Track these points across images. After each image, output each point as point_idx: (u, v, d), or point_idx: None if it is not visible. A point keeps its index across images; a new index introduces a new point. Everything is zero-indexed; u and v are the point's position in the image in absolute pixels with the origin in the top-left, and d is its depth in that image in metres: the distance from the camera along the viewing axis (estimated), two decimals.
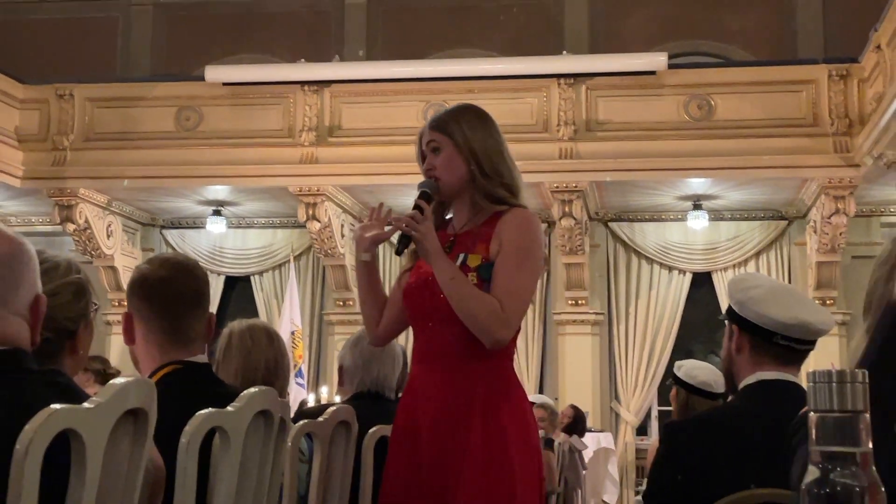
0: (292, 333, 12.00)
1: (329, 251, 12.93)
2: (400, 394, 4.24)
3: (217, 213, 13.59)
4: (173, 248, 14.04)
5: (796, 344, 2.77)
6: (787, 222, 13.35)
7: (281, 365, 3.76)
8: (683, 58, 13.95)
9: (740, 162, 11.50)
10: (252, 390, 2.33)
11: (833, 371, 1.13)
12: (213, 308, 13.26)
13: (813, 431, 1.12)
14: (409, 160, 3.22)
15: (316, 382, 13.11)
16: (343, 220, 13.02)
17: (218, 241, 14.17)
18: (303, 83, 12.36)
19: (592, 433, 11.49)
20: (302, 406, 8.63)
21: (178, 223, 14.42)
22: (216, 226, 13.67)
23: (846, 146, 11.40)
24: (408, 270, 3.13)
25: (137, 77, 14.96)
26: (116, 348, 12.93)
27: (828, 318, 2.81)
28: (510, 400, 2.93)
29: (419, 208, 2.96)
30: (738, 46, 15.10)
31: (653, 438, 12.80)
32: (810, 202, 12.43)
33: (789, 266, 13.26)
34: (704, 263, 13.43)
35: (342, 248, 12.97)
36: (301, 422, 3.04)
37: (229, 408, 2.23)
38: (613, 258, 13.61)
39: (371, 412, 3.65)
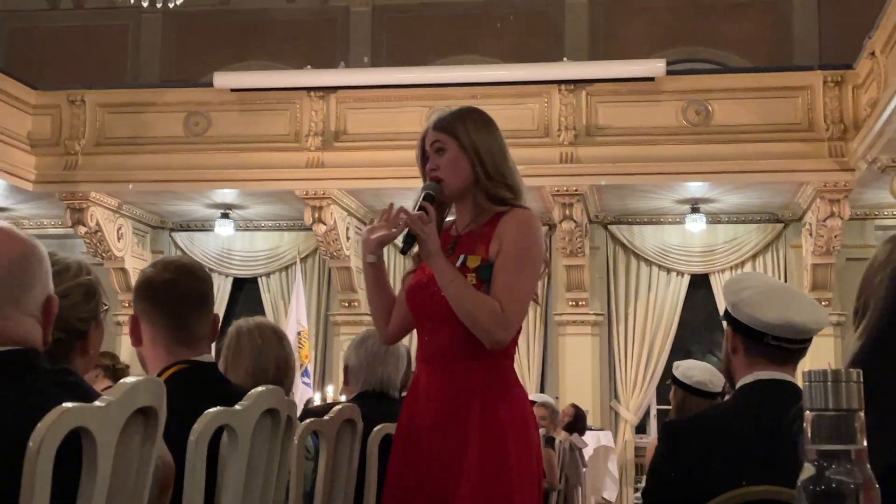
0: (298, 334, 11.99)
1: (334, 253, 12.93)
2: (404, 393, 4.24)
3: (225, 216, 13.60)
4: (182, 251, 14.05)
5: (787, 344, 2.75)
6: (784, 225, 13.34)
7: (289, 364, 3.76)
8: (681, 64, 13.97)
9: (737, 166, 11.50)
10: (259, 389, 2.33)
11: (828, 370, 1.13)
12: (222, 309, 13.39)
13: (808, 429, 1.12)
14: (413, 164, 3.20)
15: (322, 382, 13.10)
16: (348, 223, 13.02)
17: (226, 244, 14.18)
18: (309, 89, 12.36)
19: (592, 431, 11.48)
20: (308, 405, 8.62)
21: (187, 226, 14.43)
22: (224, 228, 13.68)
23: (841, 151, 11.40)
24: (412, 272, 3.12)
25: (147, 83, 14.99)
26: (126, 348, 12.89)
27: (819, 317, 2.78)
28: (509, 399, 2.91)
29: (424, 209, 2.93)
30: (735, 53, 15.10)
31: (651, 437, 12.80)
32: (806, 205, 12.42)
33: (785, 268, 13.25)
34: (702, 265, 13.42)
35: (347, 251, 12.97)
36: (307, 420, 3.03)
37: (237, 406, 2.23)
38: (613, 260, 13.60)
39: (376, 411, 3.64)
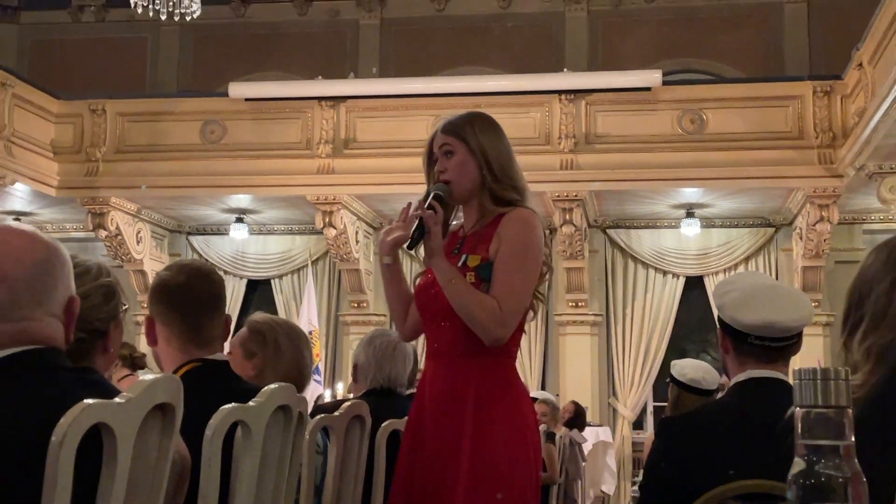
0: (310, 333, 11.98)
1: (344, 256, 12.93)
2: (411, 390, 4.24)
3: (240, 221, 13.61)
4: (199, 254, 14.06)
5: (770, 342, 2.73)
6: (775, 229, 13.34)
7: (311, 363, 3.78)
8: (677, 75, 13.97)
9: (730, 173, 11.49)
10: (272, 386, 2.33)
11: (818, 369, 1.13)
12: (236, 309, 13.39)
13: (799, 425, 1.12)
14: (420, 171, 3.18)
15: (332, 379, 13.10)
16: (357, 227, 13.03)
17: (240, 247, 14.18)
18: (320, 99, 12.36)
19: (592, 427, 11.46)
20: (318, 401, 8.62)
21: (203, 230, 14.43)
22: (239, 232, 13.69)
23: (830, 158, 11.38)
24: (423, 273, 3.10)
25: (165, 93, 15.00)
26: (144, 347, 12.89)
27: (799, 315, 2.74)
28: (506, 396, 2.88)
29: (433, 209, 2.90)
30: (729, 64, 15.08)
31: (648, 432, 12.78)
32: (796, 210, 12.41)
33: (777, 270, 13.24)
34: (697, 268, 13.41)
35: (356, 254, 12.98)
36: (318, 416, 3.03)
37: (251, 403, 2.23)
38: (611, 263, 13.59)
39: (384, 407, 3.64)
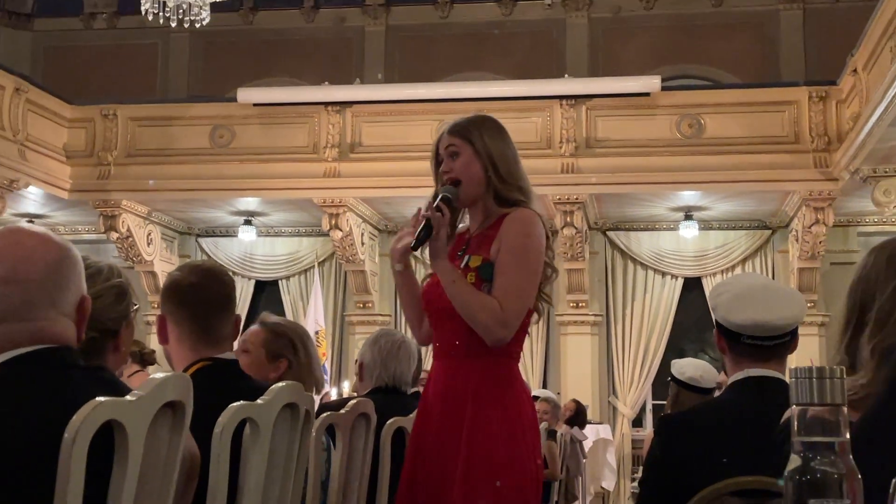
0: (316, 333, 12.00)
1: (350, 258, 12.93)
2: (415, 388, 4.25)
3: (248, 223, 13.61)
4: (208, 255, 14.06)
5: (762, 341, 2.73)
6: (771, 231, 13.33)
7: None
8: (675, 81, 13.95)
9: (728, 176, 11.49)
10: (279, 385, 2.33)
11: (813, 368, 1.13)
12: (244, 310, 13.39)
13: (795, 423, 1.12)
14: (424, 174, 3.18)
15: (338, 378, 13.10)
16: (363, 230, 13.03)
17: (249, 249, 14.19)
18: (326, 104, 12.37)
19: (592, 425, 11.45)
20: (323, 399, 8.62)
21: (213, 232, 14.44)
22: (247, 234, 13.69)
23: (825, 162, 11.37)
24: (430, 274, 3.08)
25: (175, 98, 15.00)
26: (155, 346, 12.89)
27: (789, 313, 2.73)
28: (504, 397, 2.84)
29: (440, 210, 2.87)
30: (726, 70, 15.08)
31: (648, 430, 12.77)
32: (792, 213, 12.40)
33: (773, 272, 13.22)
34: (695, 269, 13.40)
35: (362, 255, 12.98)
36: (324, 414, 3.03)
37: (259, 400, 2.23)
38: (611, 264, 13.59)
39: (389, 405, 3.64)
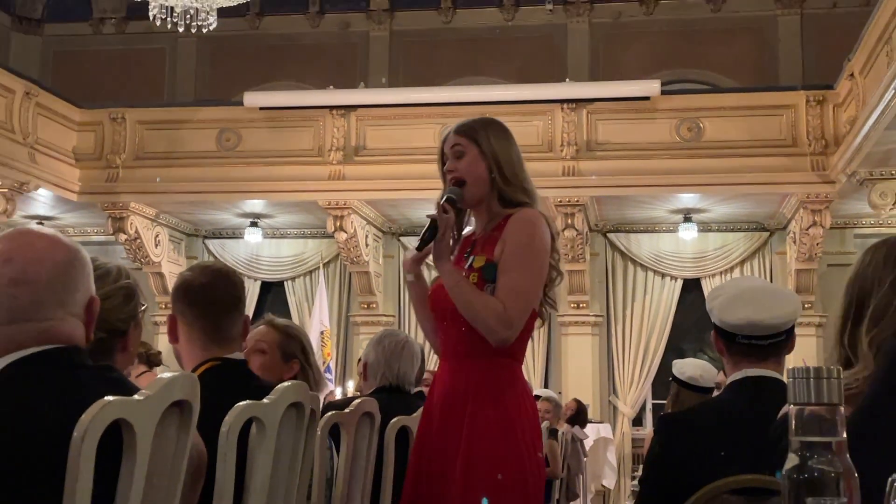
0: (321, 333, 12.02)
1: (355, 259, 12.93)
2: (418, 388, 4.25)
3: (254, 225, 13.62)
4: (215, 257, 14.06)
5: (757, 341, 2.73)
6: (769, 233, 13.32)
7: None
8: (675, 85, 13.95)
9: (726, 179, 11.48)
10: (285, 384, 2.33)
11: (811, 368, 1.13)
12: (250, 311, 13.38)
13: (792, 422, 1.12)
14: (427, 177, 3.19)
15: (343, 377, 13.10)
16: (367, 231, 13.03)
17: (255, 250, 14.19)
18: (331, 108, 12.37)
19: (593, 424, 11.45)
20: (327, 398, 8.62)
21: (219, 234, 14.44)
22: (253, 236, 13.70)
23: (822, 165, 11.36)
24: (438, 278, 3.08)
25: (182, 102, 15.01)
26: (163, 346, 12.82)
27: (781, 312, 2.73)
28: (505, 396, 2.81)
29: (445, 211, 2.87)
30: (725, 75, 15.06)
31: (648, 429, 12.77)
32: (790, 215, 12.39)
33: (771, 273, 13.22)
34: (694, 271, 13.39)
35: (366, 257, 12.98)
36: (329, 413, 3.04)
37: (265, 400, 2.24)
38: (611, 266, 13.58)
39: (392, 405, 3.64)
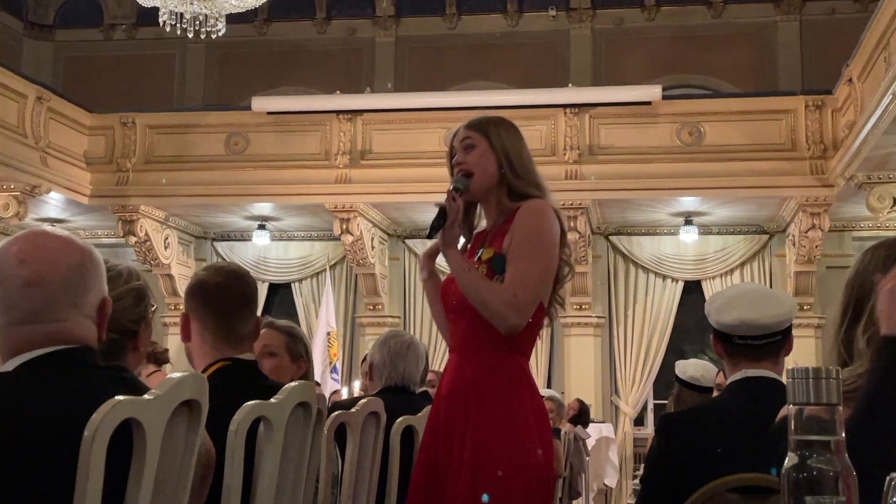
0: (328, 334, 12.02)
1: (361, 261, 12.93)
2: (423, 388, 4.25)
3: (262, 227, 13.62)
4: (223, 259, 14.05)
5: (752, 340, 2.74)
6: (769, 236, 13.30)
7: None
8: (676, 90, 13.95)
9: (727, 182, 11.47)
10: (292, 384, 2.34)
11: (810, 368, 1.13)
12: (258, 312, 13.36)
13: (792, 422, 1.12)
14: (432, 180, 3.20)
15: (349, 377, 13.10)
16: (373, 234, 13.03)
17: (262, 252, 14.20)
18: (338, 112, 12.37)
19: (595, 424, 11.44)
20: (332, 398, 8.63)
21: (228, 236, 14.45)
22: (261, 238, 13.71)
23: (821, 169, 11.36)
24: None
25: (192, 107, 15.04)
26: (173, 347, 12.85)
27: (775, 312, 2.74)
28: (509, 390, 2.77)
29: (453, 199, 2.86)
30: (725, 80, 15.07)
31: (649, 428, 12.78)
32: (789, 218, 12.38)
33: (770, 275, 13.21)
34: (695, 273, 13.38)
35: (372, 259, 12.98)
36: (335, 413, 3.04)
37: (272, 399, 2.24)
38: (613, 268, 13.57)
39: (398, 405, 3.64)
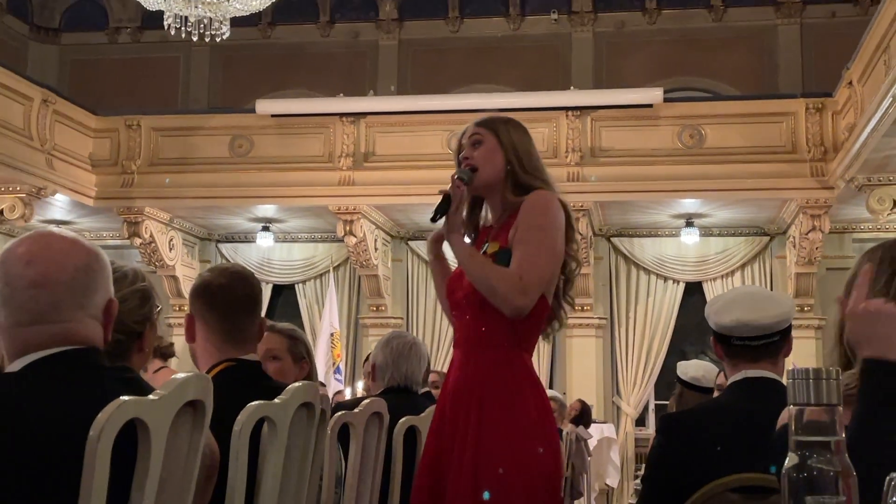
0: (331, 335, 12.02)
1: (364, 263, 12.93)
2: (425, 388, 4.25)
3: (266, 229, 13.63)
4: (227, 260, 14.05)
5: (749, 341, 2.75)
6: (769, 238, 13.29)
7: None
8: (677, 92, 13.94)
9: (728, 184, 11.47)
10: (296, 385, 2.34)
11: (810, 369, 1.13)
12: (262, 313, 13.37)
13: (792, 422, 1.12)
14: (435, 182, 3.19)
15: (352, 378, 13.10)
16: (376, 236, 13.04)
17: (266, 254, 14.20)
18: (341, 115, 12.38)
19: (597, 424, 11.44)
20: (335, 398, 8.63)
21: (232, 238, 14.46)
22: (265, 240, 13.71)
23: (821, 171, 11.35)
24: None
25: (196, 109, 15.03)
26: (177, 348, 12.85)
27: (771, 313, 2.74)
28: (512, 386, 2.75)
29: (458, 186, 2.85)
30: (726, 83, 15.06)
31: (651, 429, 12.78)
32: (790, 220, 12.37)
33: (771, 277, 13.21)
34: (696, 274, 13.37)
35: (375, 260, 12.98)
36: (339, 413, 3.04)
37: (276, 400, 2.24)
38: (615, 269, 13.57)
39: (400, 405, 3.63)
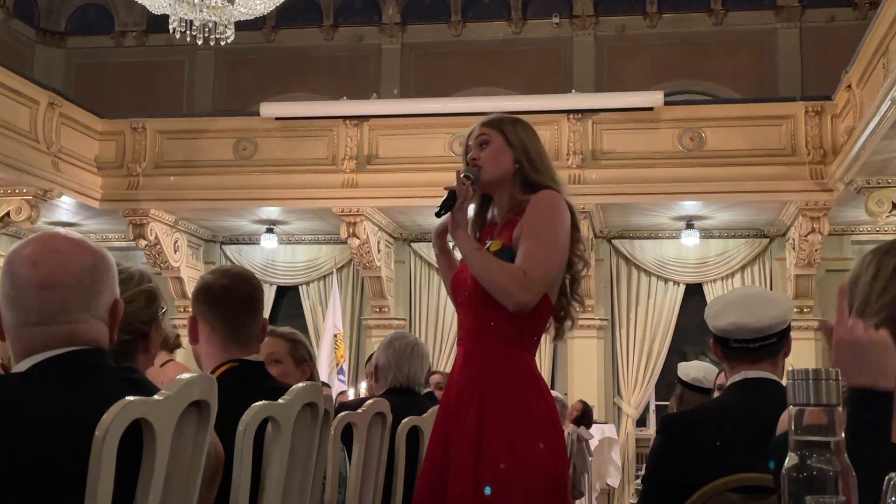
0: (335, 336, 12.03)
1: (367, 264, 12.93)
2: (427, 389, 4.25)
3: (270, 231, 13.63)
4: (232, 262, 14.06)
5: (747, 343, 2.75)
6: (769, 240, 13.28)
7: None
8: (678, 95, 13.94)
9: (728, 187, 11.46)
10: (300, 385, 2.34)
11: (810, 370, 1.13)
12: (266, 314, 13.37)
13: (792, 422, 1.12)
14: (437, 184, 3.18)
15: (355, 379, 13.10)
16: (379, 238, 13.04)
17: (270, 256, 14.20)
18: (345, 118, 12.38)
19: (598, 424, 11.43)
20: (338, 398, 8.63)
21: (236, 239, 14.46)
22: (269, 242, 13.71)
23: (821, 173, 11.34)
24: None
25: (201, 112, 15.03)
26: (181, 349, 12.93)
27: (768, 315, 2.74)
28: (514, 383, 2.74)
29: (463, 183, 2.85)
30: (726, 86, 15.05)
31: (651, 429, 12.77)
32: (789, 222, 12.36)
33: (771, 278, 13.19)
34: (696, 276, 13.37)
35: (378, 262, 12.98)
36: (342, 413, 3.04)
37: (280, 400, 2.24)
38: (616, 271, 13.56)
39: (403, 405, 3.64)
